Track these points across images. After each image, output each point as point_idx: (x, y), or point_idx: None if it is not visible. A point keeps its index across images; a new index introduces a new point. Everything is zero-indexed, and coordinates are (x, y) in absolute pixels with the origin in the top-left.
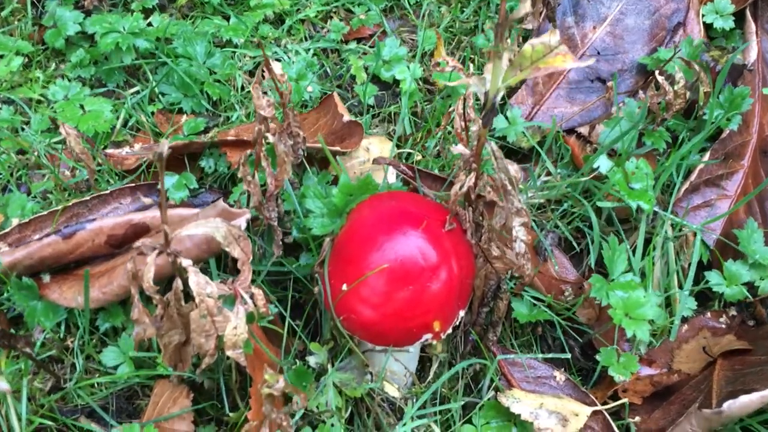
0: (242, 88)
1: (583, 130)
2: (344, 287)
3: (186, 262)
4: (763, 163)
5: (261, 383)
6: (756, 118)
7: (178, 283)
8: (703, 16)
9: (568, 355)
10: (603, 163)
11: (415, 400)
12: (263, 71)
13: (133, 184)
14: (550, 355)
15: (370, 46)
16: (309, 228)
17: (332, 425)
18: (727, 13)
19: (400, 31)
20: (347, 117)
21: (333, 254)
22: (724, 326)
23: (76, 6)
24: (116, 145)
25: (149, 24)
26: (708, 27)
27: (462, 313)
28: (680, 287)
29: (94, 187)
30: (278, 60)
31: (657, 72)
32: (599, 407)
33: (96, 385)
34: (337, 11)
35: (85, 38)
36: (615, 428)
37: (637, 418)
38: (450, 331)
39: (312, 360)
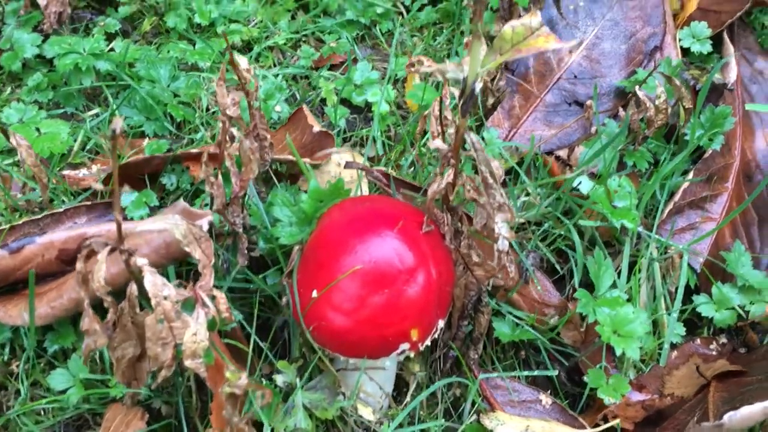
0: (207, 109)
1: (562, 153)
2: (314, 294)
3: (141, 261)
4: (747, 187)
5: (222, 385)
6: (738, 141)
7: (132, 289)
8: (680, 40)
9: (555, 372)
10: (584, 183)
11: (391, 423)
12: (227, 66)
13: (90, 202)
14: (536, 372)
15: (341, 73)
16: (276, 237)
17: None
18: (704, 37)
19: (372, 59)
20: (317, 128)
21: (302, 262)
22: (714, 353)
23: (35, 29)
24: (73, 167)
25: (111, 50)
26: (685, 52)
27: (441, 323)
28: (668, 312)
29: (47, 204)
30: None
31: (637, 87)
32: (590, 431)
33: (42, 412)
34: (307, 40)
35: (44, 63)
36: None
37: None
38: (429, 343)
39: (279, 379)
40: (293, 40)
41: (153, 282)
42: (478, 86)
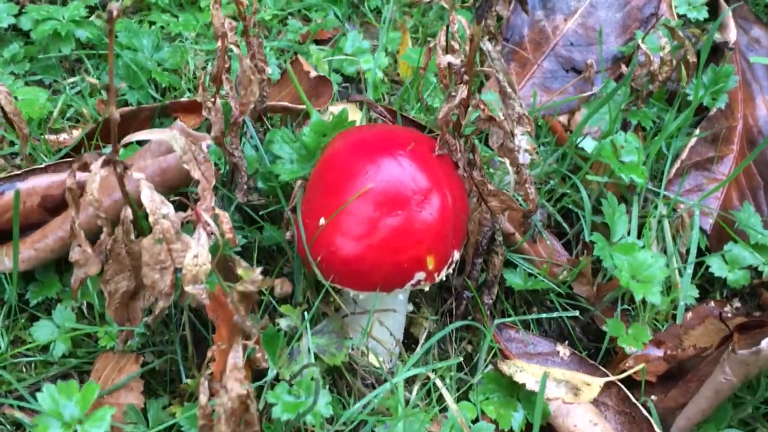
0: (194, 75)
1: (562, 119)
2: (322, 221)
3: (137, 175)
4: (750, 152)
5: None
6: (740, 105)
7: (127, 212)
8: (675, 7)
9: (576, 312)
10: (588, 142)
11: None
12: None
13: (72, 158)
14: (554, 314)
15: (330, 47)
16: (276, 175)
17: (312, 378)
18: (700, 3)
19: (361, 32)
20: (314, 73)
21: (307, 192)
22: (730, 315)
23: (10, 0)
24: (54, 132)
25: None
26: (681, 19)
27: (457, 255)
28: (679, 273)
29: (27, 159)
30: None
31: (640, 41)
32: (612, 377)
33: (25, 368)
34: (294, 17)
35: (20, 35)
36: (632, 399)
37: (653, 397)
38: (444, 276)
39: (283, 323)
40: (279, 17)
41: (151, 198)
42: None
